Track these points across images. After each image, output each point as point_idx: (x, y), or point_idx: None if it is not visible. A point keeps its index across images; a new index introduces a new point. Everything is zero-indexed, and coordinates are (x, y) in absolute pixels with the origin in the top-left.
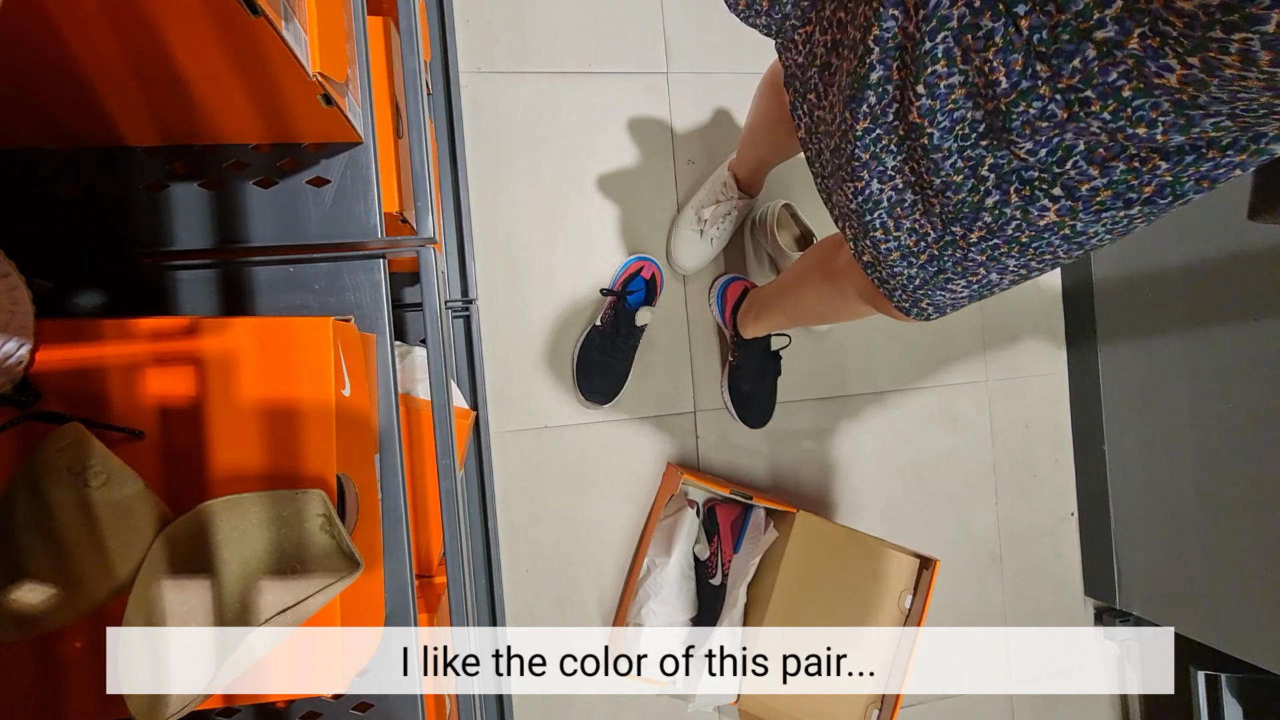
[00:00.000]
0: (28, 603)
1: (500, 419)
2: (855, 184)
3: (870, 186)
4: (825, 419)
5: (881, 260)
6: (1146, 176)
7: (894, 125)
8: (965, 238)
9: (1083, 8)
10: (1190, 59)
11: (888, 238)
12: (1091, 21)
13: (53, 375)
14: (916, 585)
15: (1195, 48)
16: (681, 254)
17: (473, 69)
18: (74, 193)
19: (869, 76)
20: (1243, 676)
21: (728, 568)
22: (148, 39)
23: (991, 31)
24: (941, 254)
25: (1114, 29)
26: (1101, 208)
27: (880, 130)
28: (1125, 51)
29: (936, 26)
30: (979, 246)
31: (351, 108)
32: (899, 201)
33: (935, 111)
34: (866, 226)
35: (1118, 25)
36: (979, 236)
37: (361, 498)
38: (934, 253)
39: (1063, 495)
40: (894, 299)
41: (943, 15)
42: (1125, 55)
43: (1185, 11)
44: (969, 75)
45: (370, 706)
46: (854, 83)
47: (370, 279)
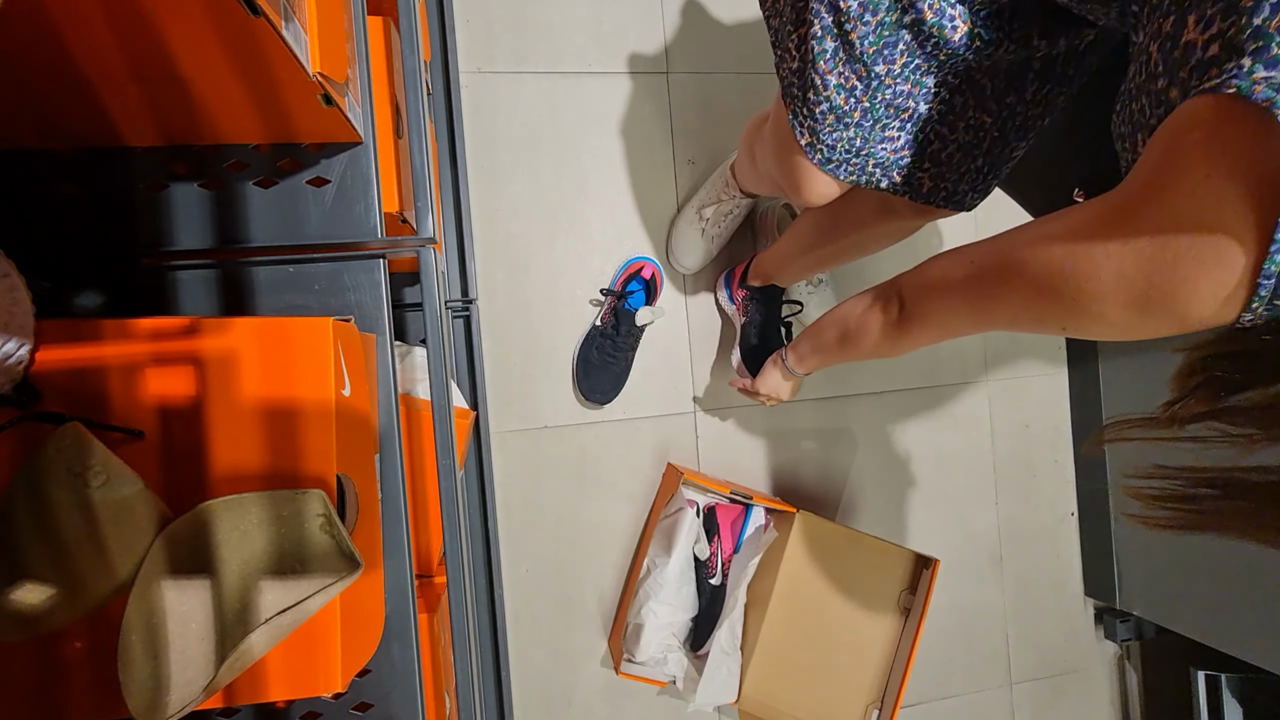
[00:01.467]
0: (28, 602)
1: (500, 419)
2: (800, 30)
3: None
4: (825, 419)
5: (819, 130)
6: None
7: None
8: (890, 72)
9: None
10: None
11: (819, 98)
12: None
13: (53, 375)
14: (916, 585)
15: None
16: (682, 253)
17: (473, 69)
18: (74, 193)
19: None
20: (1243, 676)
21: (728, 568)
22: (148, 39)
23: None
24: (873, 101)
25: None
26: None
27: None
28: None
29: None
30: (902, 75)
31: (351, 108)
32: (821, 53)
33: None
34: (805, 86)
35: None
36: (901, 64)
37: (361, 498)
38: (865, 105)
39: (1063, 495)
40: (841, 174)
41: None
42: None
43: None
44: None
45: (370, 706)
46: None
47: (370, 279)
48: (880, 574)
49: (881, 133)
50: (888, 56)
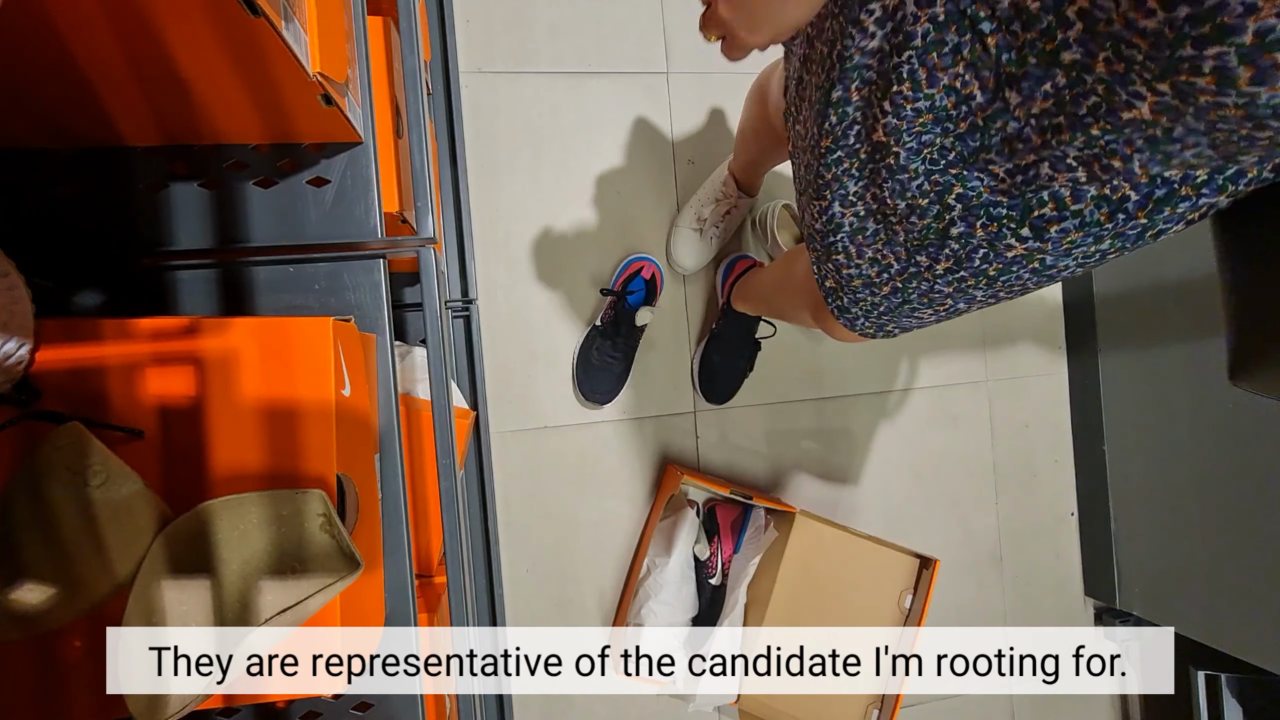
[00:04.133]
0: (28, 602)
1: (500, 419)
2: (820, 203)
3: (832, 208)
4: (825, 419)
5: (844, 286)
6: (1120, 218)
7: (855, 149)
8: (931, 269)
9: (1046, 26)
10: (1160, 85)
11: (850, 263)
12: (1056, 41)
13: (53, 375)
14: (916, 585)
15: (1165, 71)
16: (681, 253)
17: (473, 69)
18: (74, 193)
19: (830, 94)
20: (1243, 676)
21: (728, 568)
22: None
23: (959, 45)
24: (906, 285)
25: (1079, 50)
26: (1071, 245)
27: (841, 153)
28: (1094, 77)
29: (902, 43)
30: (945, 278)
31: (351, 108)
32: (860, 229)
33: (901, 131)
34: (829, 249)
35: (1082, 47)
36: (945, 268)
37: (361, 498)
38: (898, 284)
39: (1063, 495)
40: (856, 327)
41: (907, 32)
42: (1094, 81)
43: (1149, 30)
44: (935, 99)
45: (370, 706)
46: (821, 98)
47: (370, 279)
48: (880, 574)
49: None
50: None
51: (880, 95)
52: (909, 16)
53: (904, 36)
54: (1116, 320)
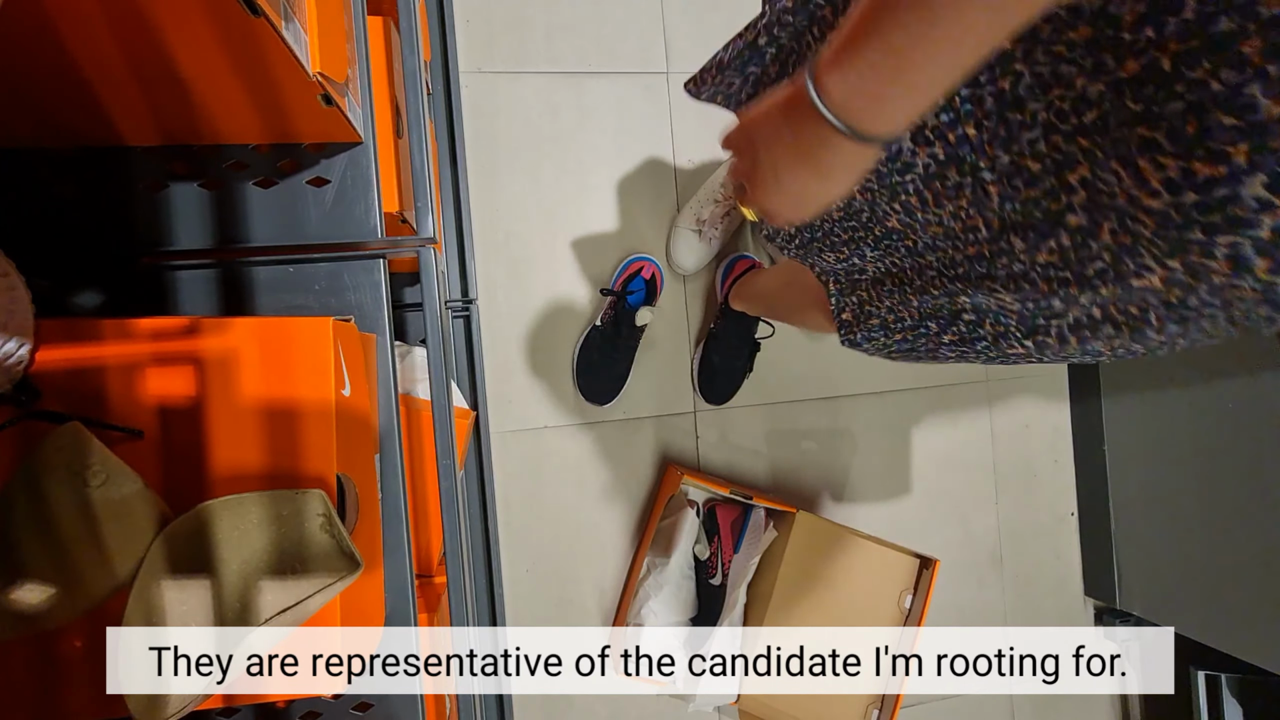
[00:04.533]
0: (27, 602)
1: (500, 419)
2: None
3: (852, 260)
4: (825, 419)
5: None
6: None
7: (870, 227)
8: (939, 336)
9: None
10: (1170, 261)
11: (872, 303)
12: (1060, 204)
13: (53, 375)
14: (916, 585)
15: (1174, 250)
16: (681, 254)
17: (473, 69)
18: (74, 193)
19: None
20: (1243, 676)
21: (728, 568)
22: (148, 39)
23: (960, 185)
24: (914, 340)
25: (1084, 217)
26: (1069, 357)
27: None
28: (1100, 244)
29: (903, 168)
30: (950, 348)
31: (351, 108)
32: (879, 281)
33: (914, 227)
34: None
35: (1086, 214)
36: (950, 340)
37: (361, 498)
38: (908, 337)
39: (1063, 495)
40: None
41: (906, 161)
42: (1101, 249)
43: (1155, 210)
44: (944, 218)
45: (370, 706)
46: None
47: (370, 279)
48: (880, 574)
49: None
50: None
51: (887, 199)
52: (905, 151)
53: (902, 164)
54: None
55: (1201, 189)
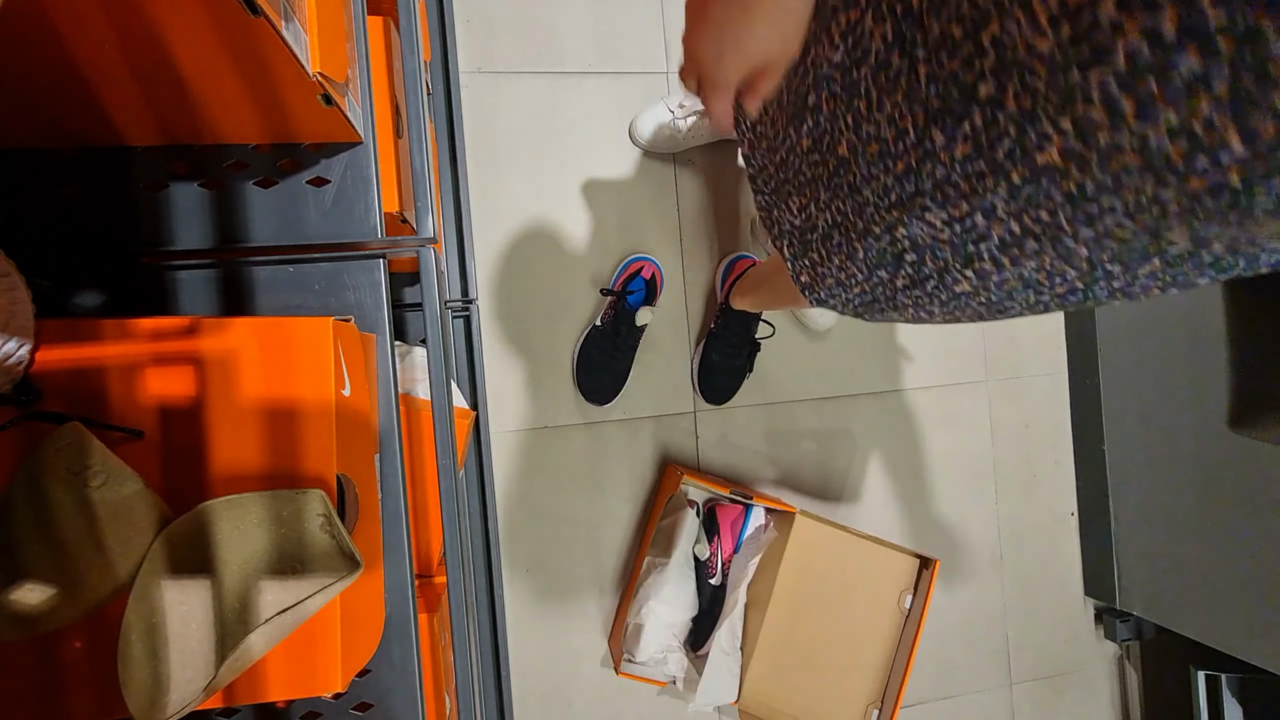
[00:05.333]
0: (28, 602)
1: (500, 419)
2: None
3: (809, 210)
4: (825, 419)
5: (818, 282)
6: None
7: (826, 157)
8: (891, 283)
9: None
10: (1062, 120)
11: (822, 263)
12: (974, 73)
13: (53, 375)
14: (916, 585)
15: (1064, 102)
16: (644, 122)
17: (473, 69)
18: (74, 193)
19: (806, 99)
20: (1243, 676)
21: (728, 568)
22: (148, 39)
23: (898, 72)
24: (873, 290)
25: (993, 83)
26: (1013, 291)
27: (817, 155)
28: (1005, 115)
29: (860, 58)
30: (904, 294)
31: (351, 108)
32: (828, 236)
33: (858, 150)
34: (806, 246)
35: (995, 80)
36: (902, 284)
37: (361, 498)
38: (865, 289)
39: (1063, 495)
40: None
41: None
42: (1007, 121)
43: (1045, 54)
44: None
45: (370, 706)
46: (797, 101)
47: (370, 279)
48: (880, 574)
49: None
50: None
51: (844, 109)
52: (866, 32)
53: (861, 52)
54: (1116, 320)
55: (1073, 17)
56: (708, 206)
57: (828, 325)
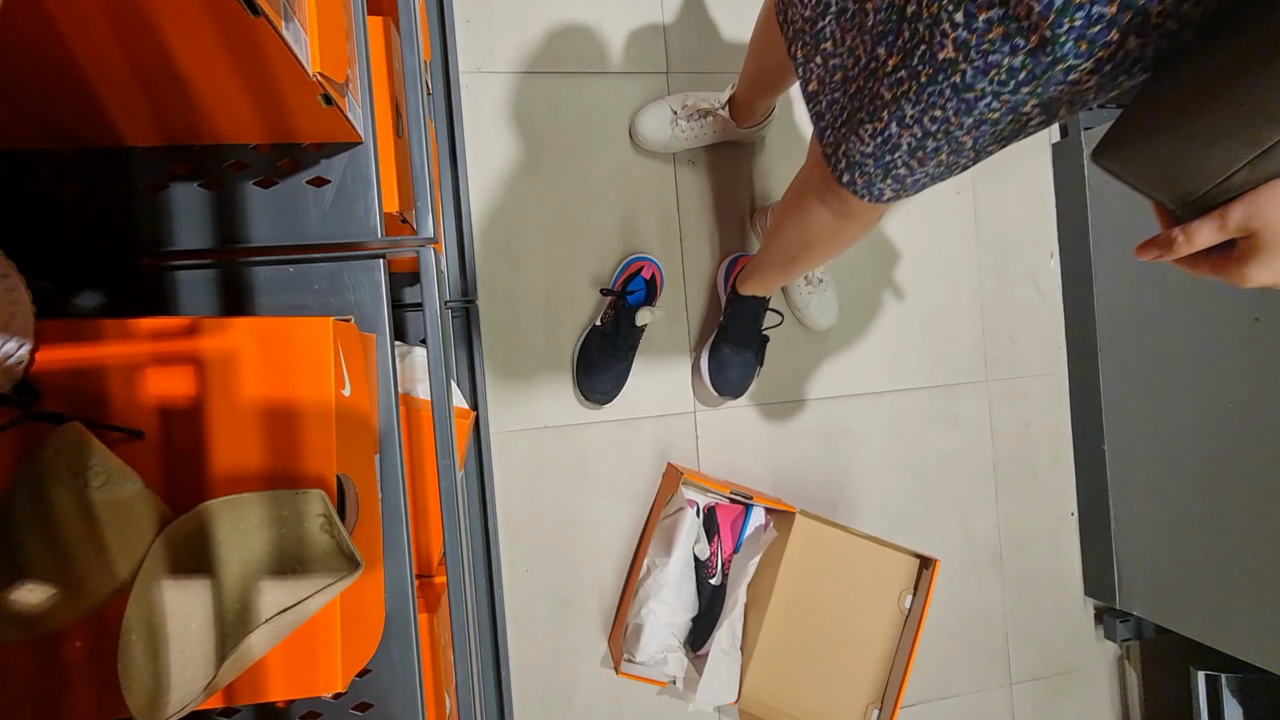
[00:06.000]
0: (28, 603)
1: (500, 419)
2: (875, 124)
3: (890, 128)
4: (825, 419)
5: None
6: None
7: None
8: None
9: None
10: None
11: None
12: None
13: (53, 375)
14: (916, 585)
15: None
16: (644, 122)
17: (473, 69)
18: (74, 193)
19: (905, 9)
20: (1243, 676)
21: (728, 568)
22: (148, 39)
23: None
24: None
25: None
26: None
27: (904, 72)
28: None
29: None
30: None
31: (351, 108)
32: (919, 147)
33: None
34: (887, 167)
35: None
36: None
37: (361, 498)
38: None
39: (1063, 495)
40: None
41: None
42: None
43: None
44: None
45: (370, 706)
46: (888, 18)
47: (370, 279)
48: (880, 574)
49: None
50: None
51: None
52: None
53: None
54: (1116, 320)
55: None
56: (708, 206)
57: (828, 325)
